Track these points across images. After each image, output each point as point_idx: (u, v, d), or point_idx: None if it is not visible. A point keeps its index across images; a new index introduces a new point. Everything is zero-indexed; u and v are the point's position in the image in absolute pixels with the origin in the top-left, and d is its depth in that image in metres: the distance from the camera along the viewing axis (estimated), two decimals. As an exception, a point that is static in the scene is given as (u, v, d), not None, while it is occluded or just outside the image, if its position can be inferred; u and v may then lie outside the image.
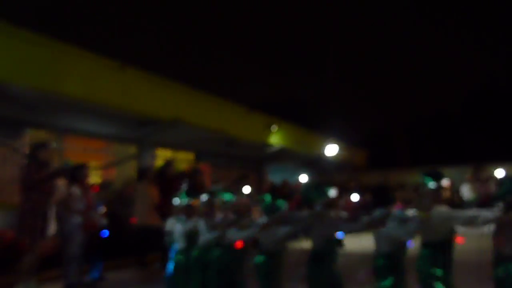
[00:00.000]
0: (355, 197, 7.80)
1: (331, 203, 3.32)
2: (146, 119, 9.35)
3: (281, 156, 13.74)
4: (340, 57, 45.79)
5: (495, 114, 26.63)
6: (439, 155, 23.88)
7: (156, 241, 7.10)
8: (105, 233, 6.72)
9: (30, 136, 8.20)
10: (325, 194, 3.34)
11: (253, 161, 14.87)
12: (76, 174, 6.24)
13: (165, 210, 6.72)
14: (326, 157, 15.36)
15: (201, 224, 4.03)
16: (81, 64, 7.75)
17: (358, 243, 3.55)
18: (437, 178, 3.04)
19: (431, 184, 2.99)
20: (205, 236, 3.96)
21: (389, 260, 3.07)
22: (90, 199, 6.23)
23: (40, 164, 5.38)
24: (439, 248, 2.96)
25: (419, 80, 46.42)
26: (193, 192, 4.56)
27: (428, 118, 31.19)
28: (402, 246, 3.11)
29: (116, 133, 9.58)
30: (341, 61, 44.55)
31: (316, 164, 15.02)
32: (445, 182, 3.31)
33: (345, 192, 8.18)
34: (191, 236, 4.12)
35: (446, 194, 2.57)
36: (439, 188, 3.00)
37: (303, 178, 14.08)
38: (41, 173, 5.32)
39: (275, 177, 13.91)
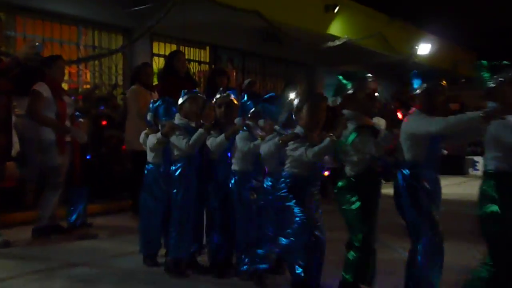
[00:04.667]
0: None
1: None
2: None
3: (345, 57, 13.49)
4: None
5: None
6: None
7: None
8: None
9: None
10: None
11: (302, 65, 15.01)
12: (45, 68, 5.87)
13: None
14: (416, 60, 15.07)
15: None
16: None
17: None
18: None
19: None
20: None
21: None
22: (64, 106, 5.96)
23: None
24: None
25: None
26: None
27: None
28: None
29: (94, 17, 9.57)
30: None
31: (398, 72, 14.09)
32: None
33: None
34: None
35: None
36: None
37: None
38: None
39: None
